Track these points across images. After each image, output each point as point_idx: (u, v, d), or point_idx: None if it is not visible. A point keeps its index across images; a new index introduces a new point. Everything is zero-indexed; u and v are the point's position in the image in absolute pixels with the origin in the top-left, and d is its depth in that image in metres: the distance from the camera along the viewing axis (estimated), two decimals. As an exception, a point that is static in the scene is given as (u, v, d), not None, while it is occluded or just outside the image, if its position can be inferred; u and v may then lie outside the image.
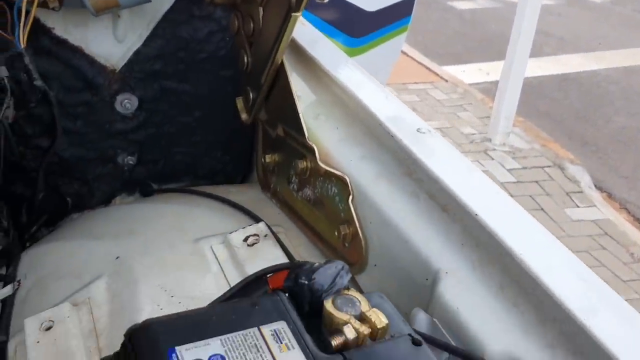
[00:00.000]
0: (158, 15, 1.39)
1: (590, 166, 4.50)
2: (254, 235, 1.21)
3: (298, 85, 1.29)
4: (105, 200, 1.57)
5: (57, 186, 1.52)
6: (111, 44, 1.40)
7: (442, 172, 0.99)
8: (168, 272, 1.15)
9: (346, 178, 1.13)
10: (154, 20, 1.40)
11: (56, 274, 1.25)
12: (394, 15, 3.12)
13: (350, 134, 1.20)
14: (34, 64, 1.31)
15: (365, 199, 1.10)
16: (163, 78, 1.45)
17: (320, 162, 1.17)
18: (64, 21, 1.34)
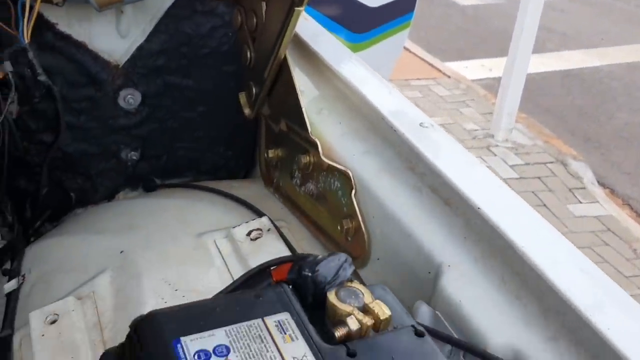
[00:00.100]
0: (161, 10, 1.40)
1: (592, 162, 4.49)
2: (257, 229, 1.21)
3: (301, 80, 1.29)
4: (108, 195, 1.57)
5: (61, 181, 1.52)
6: (114, 40, 1.40)
7: (445, 166, 1.00)
8: (172, 266, 1.16)
9: (349, 172, 1.13)
10: (157, 15, 1.40)
11: (60, 269, 1.26)
12: (397, 11, 3.11)
13: (353, 129, 1.20)
14: (38, 59, 1.31)
15: (368, 193, 1.11)
16: (166, 73, 1.45)
17: (323, 157, 1.17)
18: (68, 16, 1.34)
